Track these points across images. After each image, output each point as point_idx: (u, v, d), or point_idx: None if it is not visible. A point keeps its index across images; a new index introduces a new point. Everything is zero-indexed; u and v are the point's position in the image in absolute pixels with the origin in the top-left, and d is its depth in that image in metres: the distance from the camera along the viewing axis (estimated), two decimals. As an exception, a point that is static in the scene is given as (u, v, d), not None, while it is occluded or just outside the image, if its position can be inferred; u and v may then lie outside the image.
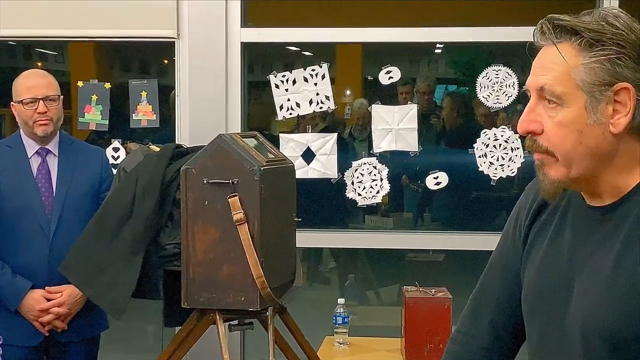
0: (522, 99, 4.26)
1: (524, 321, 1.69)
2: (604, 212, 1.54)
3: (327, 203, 4.50)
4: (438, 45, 5.33)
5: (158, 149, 3.30)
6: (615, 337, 1.46)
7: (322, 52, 4.71)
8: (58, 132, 3.51)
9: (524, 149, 4.07)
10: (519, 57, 4.41)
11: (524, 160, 4.08)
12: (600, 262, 1.51)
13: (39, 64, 5.48)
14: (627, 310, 1.45)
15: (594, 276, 1.51)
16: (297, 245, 3.34)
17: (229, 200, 2.96)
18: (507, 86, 4.04)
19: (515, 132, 4.10)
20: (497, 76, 4.05)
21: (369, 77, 4.29)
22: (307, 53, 5.03)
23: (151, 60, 5.68)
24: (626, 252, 1.47)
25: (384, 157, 4.19)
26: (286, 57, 5.19)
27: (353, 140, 5.10)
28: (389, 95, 4.49)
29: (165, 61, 4.30)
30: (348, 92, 6.13)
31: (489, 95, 4.07)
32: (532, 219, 1.69)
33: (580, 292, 1.53)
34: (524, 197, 1.75)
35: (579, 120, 1.49)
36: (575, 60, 1.48)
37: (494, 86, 4.05)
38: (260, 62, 5.23)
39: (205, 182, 2.99)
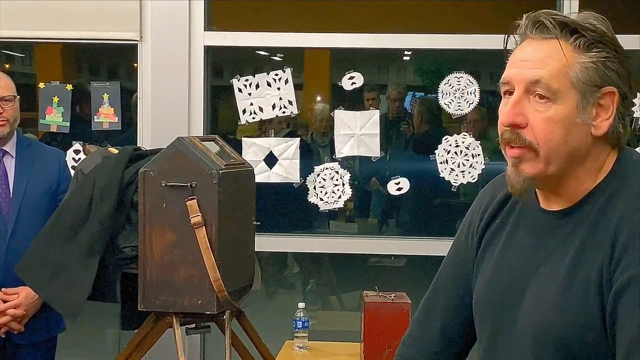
0: (485, 105, 4.28)
1: (475, 323, 1.69)
2: (559, 217, 1.55)
3: (290, 207, 4.50)
4: (406, 53, 5.35)
5: (116, 151, 3.29)
6: (567, 344, 1.47)
7: (291, 57, 4.71)
8: (15, 133, 3.49)
9: (484, 155, 4.10)
10: (482, 65, 4.44)
11: (484, 166, 4.10)
12: (554, 267, 1.51)
13: (6, 65, 5.43)
14: (580, 316, 1.45)
15: (548, 281, 1.51)
16: (262, 250, 3.33)
17: (186, 203, 2.96)
18: (469, 93, 4.06)
19: (477, 139, 4.12)
20: (458, 83, 4.07)
21: (339, 83, 4.28)
22: (276, 58, 5.03)
23: (118, 63, 5.65)
24: (580, 258, 1.48)
25: (346, 163, 4.20)
26: (256, 62, 5.18)
27: (316, 146, 5.09)
28: (357, 102, 4.50)
29: (135, 65, 4.27)
30: (318, 98, 6.13)
31: (450, 102, 4.09)
32: (486, 223, 1.69)
33: (533, 296, 1.53)
34: (478, 202, 1.75)
35: (568, 118, 1.48)
36: (572, 58, 1.48)
37: (456, 93, 4.07)
38: (230, 67, 5.21)
39: (163, 184, 2.99)
